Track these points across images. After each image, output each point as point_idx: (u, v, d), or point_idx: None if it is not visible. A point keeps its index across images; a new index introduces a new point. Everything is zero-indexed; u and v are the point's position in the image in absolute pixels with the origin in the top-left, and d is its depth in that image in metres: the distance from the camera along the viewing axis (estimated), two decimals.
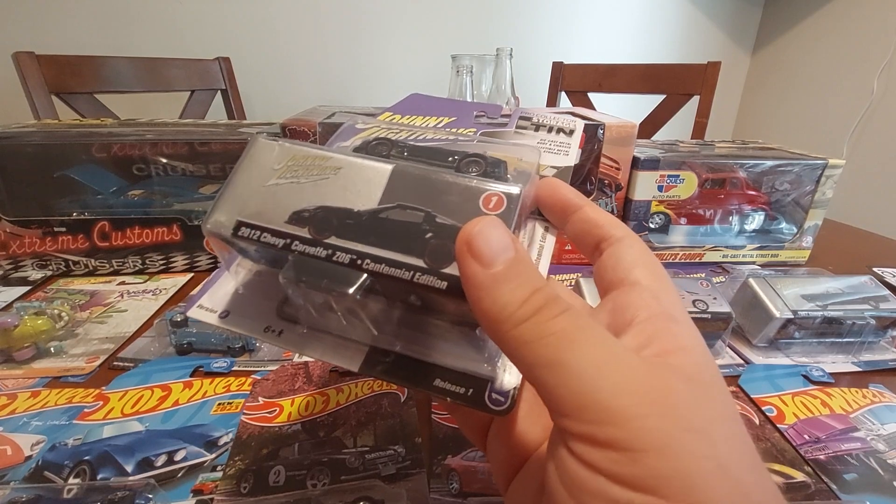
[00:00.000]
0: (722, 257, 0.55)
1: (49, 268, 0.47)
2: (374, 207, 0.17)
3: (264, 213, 0.17)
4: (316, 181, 0.18)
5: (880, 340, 0.39)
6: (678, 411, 0.12)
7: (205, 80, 1.11)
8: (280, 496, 0.24)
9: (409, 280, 0.16)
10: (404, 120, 0.26)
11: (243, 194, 0.18)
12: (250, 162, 0.18)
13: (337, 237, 0.17)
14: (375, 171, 0.18)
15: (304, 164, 0.18)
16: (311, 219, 0.17)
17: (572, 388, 0.12)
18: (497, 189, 0.17)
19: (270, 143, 0.18)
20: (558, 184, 0.21)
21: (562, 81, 1.28)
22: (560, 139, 0.25)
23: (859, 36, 1.48)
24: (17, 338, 0.35)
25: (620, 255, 0.18)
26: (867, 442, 0.30)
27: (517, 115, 0.26)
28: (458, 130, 0.25)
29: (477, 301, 0.14)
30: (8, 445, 0.27)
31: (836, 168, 0.52)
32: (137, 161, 0.47)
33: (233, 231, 0.17)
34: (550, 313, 0.14)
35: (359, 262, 0.16)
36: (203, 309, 0.20)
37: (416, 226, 0.16)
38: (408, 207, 0.17)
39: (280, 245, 0.17)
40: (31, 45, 0.89)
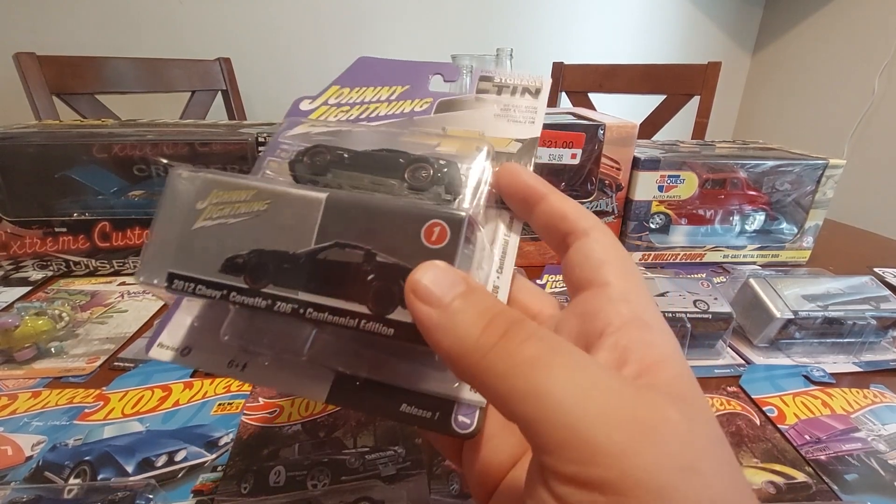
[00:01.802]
0: (722, 258, 0.55)
1: (50, 268, 0.47)
2: (310, 248, 0.16)
3: (196, 262, 0.16)
4: (245, 220, 0.16)
5: (881, 341, 0.39)
6: (670, 446, 0.11)
7: (205, 81, 1.11)
8: (280, 496, 0.24)
9: (356, 328, 0.15)
10: (354, 94, 0.24)
11: (171, 240, 0.17)
12: (172, 201, 0.17)
13: (275, 285, 0.16)
14: (308, 202, 0.16)
15: (230, 201, 0.16)
16: (246, 266, 0.16)
17: (553, 421, 0.11)
18: (439, 218, 0.15)
19: (190, 177, 0.17)
20: (518, 171, 0.19)
21: (562, 82, 1.28)
22: (525, 103, 0.23)
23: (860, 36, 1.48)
24: (18, 338, 0.35)
25: (588, 252, 0.17)
26: (868, 442, 0.29)
27: (477, 76, 0.23)
28: (412, 103, 0.23)
29: (437, 343, 0.13)
30: (9, 446, 0.27)
31: (836, 168, 0.52)
32: (138, 161, 0.47)
33: (166, 284, 0.16)
34: (517, 337, 0.13)
35: (301, 312, 0.15)
36: (163, 348, 0.19)
37: (356, 267, 0.15)
38: (346, 246, 0.16)
39: (217, 297, 0.16)
40: (32, 45, 0.89)
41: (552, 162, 0.49)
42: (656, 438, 0.11)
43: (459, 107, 0.23)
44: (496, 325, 0.13)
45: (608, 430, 0.11)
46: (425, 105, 0.23)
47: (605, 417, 0.11)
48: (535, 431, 0.12)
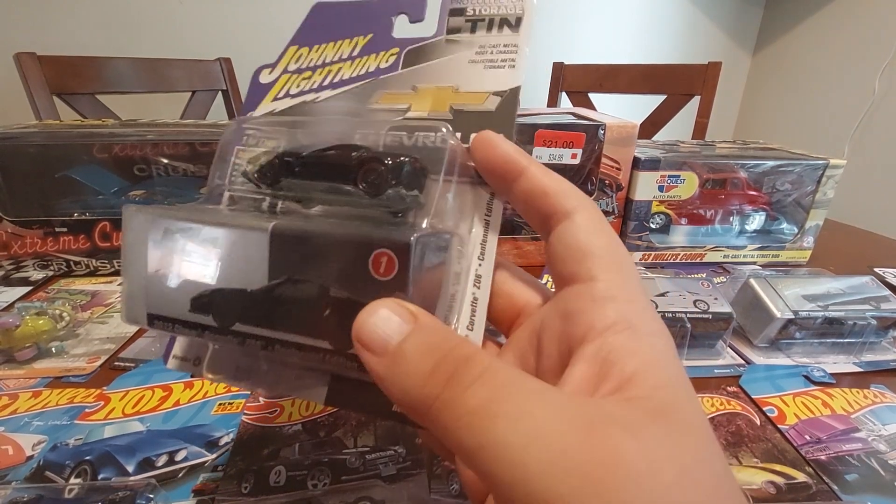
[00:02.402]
0: (723, 258, 0.55)
1: (50, 268, 0.47)
2: (264, 286, 0.16)
3: (169, 302, 0.17)
4: (200, 258, 0.16)
5: (881, 341, 0.39)
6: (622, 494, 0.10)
7: (206, 81, 1.11)
8: (281, 496, 0.24)
9: (322, 361, 0.15)
10: (314, 55, 0.22)
11: (142, 281, 0.17)
12: (133, 240, 0.17)
13: (241, 323, 0.16)
14: (252, 240, 0.16)
15: (183, 239, 0.16)
16: (211, 305, 0.16)
17: (499, 476, 0.11)
18: (384, 246, 0.14)
19: (142, 217, 0.17)
20: (493, 141, 0.17)
21: (562, 82, 1.28)
22: (504, 39, 0.19)
23: (860, 36, 1.48)
24: (19, 338, 0.35)
25: (570, 240, 0.16)
26: (868, 442, 0.29)
27: (446, 8, 0.20)
28: (377, 58, 0.21)
29: (387, 393, 0.13)
30: (9, 445, 0.27)
31: (837, 168, 0.52)
32: (139, 161, 0.47)
33: (148, 324, 0.17)
34: (463, 382, 0.12)
35: (270, 349, 0.16)
36: (178, 359, 0.19)
37: (311, 302, 0.15)
38: (298, 281, 0.15)
39: (194, 335, 0.16)
40: (33, 45, 0.89)
41: (552, 162, 0.49)
42: (606, 486, 0.10)
43: (429, 55, 0.20)
44: (442, 370, 0.12)
45: (553, 483, 0.10)
46: (391, 58, 0.20)
47: (550, 469, 0.10)
48: (490, 486, 0.11)
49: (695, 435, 0.12)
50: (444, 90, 0.19)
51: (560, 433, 0.11)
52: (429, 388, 0.12)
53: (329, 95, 0.21)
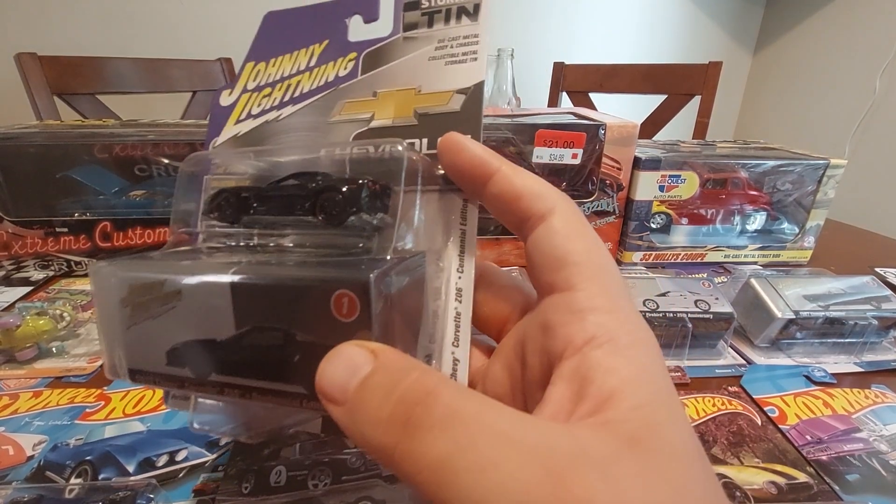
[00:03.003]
0: (723, 257, 0.55)
1: (51, 268, 0.47)
2: (232, 335, 0.15)
3: (146, 357, 0.17)
4: (166, 312, 0.16)
5: (882, 341, 0.39)
6: None
7: (206, 81, 1.12)
8: (281, 496, 0.24)
9: (301, 407, 0.15)
10: (272, 69, 0.21)
11: (118, 336, 0.17)
12: (102, 297, 0.17)
13: (217, 374, 0.16)
14: (214, 291, 0.16)
15: (146, 295, 0.16)
16: (186, 358, 0.16)
17: None
18: (344, 286, 0.14)
19: (107, 273, 0.17)
20: (460, 144, 0.16)
21: (563, 82, 1.28)
22: (463, 31, 0.18)
23: (861, 36, 1.48)
24: (20, 338, 0.35)
25: (547, 246, 0.15)
26: (869, 443, 0.29)
27: (400, 3, 0.19)
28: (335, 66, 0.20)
29: (352, 438, 0.12)
30: (10, 445, 0.27)
31: (837, 168, 0.52)
32: (139, 161, 0.47)
33: (131, 379, 0.17)
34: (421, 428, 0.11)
35: (248, 397, 0.16)
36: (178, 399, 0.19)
37: (279, 349, 0.15)
38: (265, 329, 0.15)
39: (175, 387, 0.16)
40: (34, 46, 0.89)
41: (553, 162, 0.49)
42: None
43: (388, 56, 0.19)
44: (399, 413, 0.11)
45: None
46: (349, 65, 0.20)
47: None
48: None
49: (677, 460, 0.11)
50: (406, 93, 0.18)
51: (526, 485, 0.10)
52: (388, 437, 0.11)
53: (291, 111, 0.20)
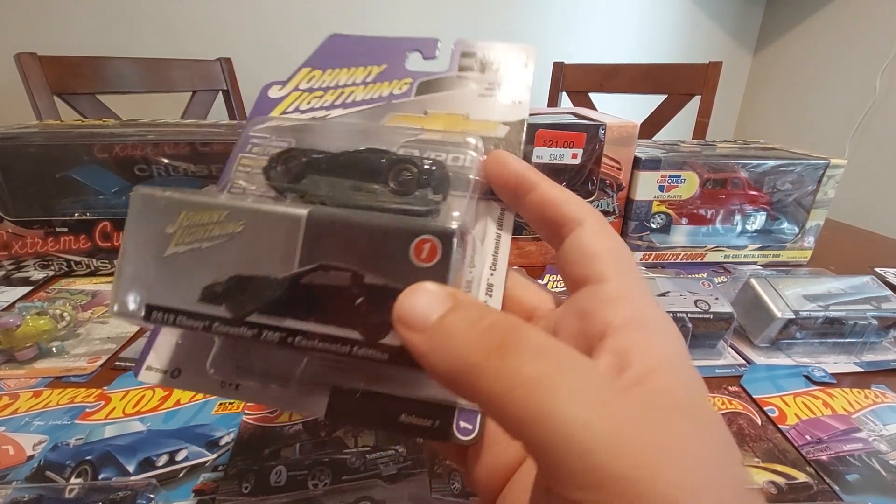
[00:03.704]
0: (723, 257, 0.55)
1: (51, 268, 0.47)
2: (293, 272, 0.15)
3: (173, 292, 0.15)
4: (220, 244, 0.15)
5: (882, 341, 0.39)
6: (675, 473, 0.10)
7: (206, 81, 1.11)
8: (281, 496, 0.24)
9: (347, 354, 0.14)
10: (327, 77, 0.22)
11: (143, 268, 0.15)
12: (140, 224, 0.15)
13: (259, 313, 0.15)
14: (286, 220, 0.15)
15: (201, 223, 0.15)
16: (226, 294, 0.15)
17: (559, 446, 0.11)
18: (429, 233, 0.14)
19: (155, 198, 0.16)
20: (507, 159, 0.18)
21: (563, 81, 1.28)
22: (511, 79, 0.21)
23: (861, 35, 1.48)
24: (20, 338, 0.35)
25: (582, 245, 0.16)
26: (869, 443, 0.29)
27: (458, 49, 0.21)
28: (391, 85, 0.21)
29: (430, 369, 0.13)
30: (10, 445, 0.27)
31: (837, 168, 0.52)
32: (139, 161, 0.47)
33: (144, 317, 0.15)
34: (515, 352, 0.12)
35: (290, 341, 0.15)
36: (153, 371, 0.18)
37: (344, 290, 0.14)
38: (331, 268, 0.15)
39: (200, 328, 0.15)
40: (34, 45, 0.89)
41: (553, 162, 0.49)
42: (663, 465, 0.11)
43: (441, 87, 0.21)
44: (489, 339, 0.12)
45: (617, 457, 0.10)
46: (405, 87, 0.21)
47: (613, 443, 0.11)
48: (540, 455, 0.11)
49: (717, 428, 0.12)
50: (454, 117, 0.20)
51: (617, 413, 0.11)
52: (476, 357, 0.12)
53: (340, 114, 0.21)
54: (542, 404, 0.11)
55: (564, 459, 0.11)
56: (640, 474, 0.10)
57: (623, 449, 0.11)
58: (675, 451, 0.11)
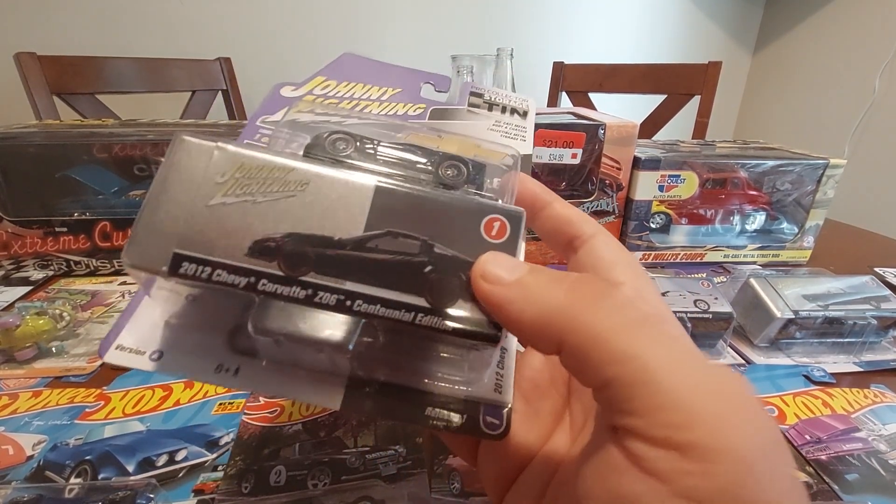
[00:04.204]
0: (723, 257, 0.55)
1: (50, 268, 0.47)
2: (359, 235, 0.14)
3: (212, 243, 0.13)
4: (277, 200, 0.14)
5: (882, 340, 0.39)
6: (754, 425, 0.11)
7: (206, 81, 1.11)
8: (281, 496, 0.24)
9: (410, 322, 0.14)
10: (342, 88, 0.22)
11: (177, 216, 0.14)
12: (180, 171, 0.14)
13: (316, 273, 0.14)
14: (354, 188, 0.15)
15: (258, 177, 0.14)
16: (280, 250, 0.14)
17: (652, 384, 0.11)
18: (499, 213, 0.15)
19: (206, 147, 0.14)
20: (524, 178, 0.20)
21: (562, 81, 1.28)
22: (515, 121, 0.23)
23: (861, 35, 1.48)
24: (19, 338, 0.35)
25: (598, 254, 0.18)
26: (869, 442, 0.29)
27: (467, 90, 0.23)
28: (405, 106, 0.22)
29: (515, 316, 0.13)
30: (9, 445, 0.27)
31: (837, 168, 0.52)
32: (139, 161, 0.47)
33: (170, 267, 0.13)
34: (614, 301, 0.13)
35: (348, 304, 0.14)
36: (125, 351, 0.16)
37: (411, 257, 0.14)
38: (400, 235, 0.14)
39: (242, 284, 0.13)
40: (33, 45, 0.89)
41: (552, 162, 0.49)
42: (746, 415, 0.11)
43: (453, 116, 0.23)
44: (578, 288, 0.13)
45: (706, 400, 0.11)
46: (419, 110, 0.22)
47: (701, 387, 0.11)
48: (626, 394, 0.12)
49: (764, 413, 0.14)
50: (467, 142, 0.20)
51: (702, 363, 0.12)
52: (570, 300, 0.13)
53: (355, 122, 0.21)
54: (638, 346, 0.12)
55: (654, 395, 0.11)
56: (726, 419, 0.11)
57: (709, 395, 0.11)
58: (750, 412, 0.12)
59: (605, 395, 0.12)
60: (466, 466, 0.27)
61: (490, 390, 0.17)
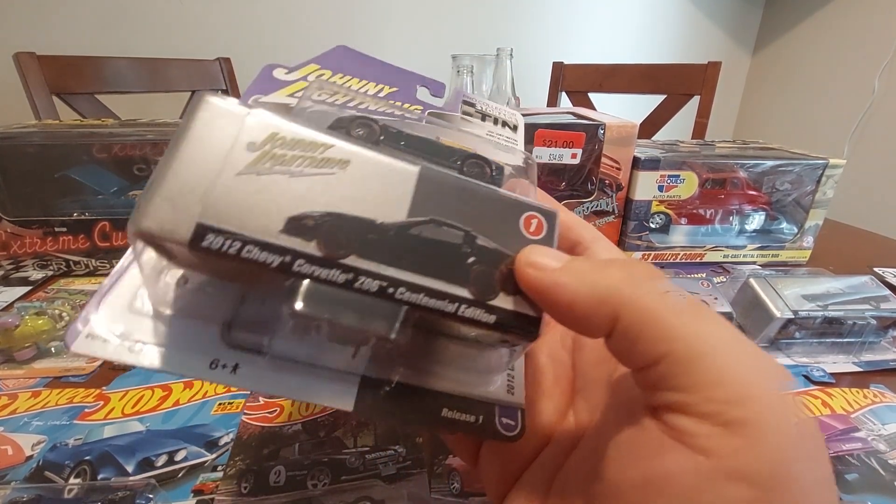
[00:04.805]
0: (723, 257, 0.55)
1: (50, 268, 0.47)
2: (402, 221, 0.14)
3: (242, 216, 0.12)
4: (315, 176, 0.13)
5: (881, 340, 0.39)
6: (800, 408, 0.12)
7: (205, 81, 1.11)
8: (280, 496, 0.24)
9: (453, 313, 0.14)
10: (337, 79, 0.21)
11: (199, 183, 0.12)
12: (203, 134, 0.12)
13: (358, 256, 0.13)
14: (397, 172, 0.14)
15: (294, 150, 0.13)
16: (319, 230, 0.13)
17: (707, 360, 0.12)
18: (536, 210, 0.15)
19: (235, 111, 0.13)
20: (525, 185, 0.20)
21: (562, 81, 1.28)
22: (507, 133, 0.23)
23: (860, 36, 1.48)
24: (18, 338, 0.35)
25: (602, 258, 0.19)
26: (868, 442, 0.29)
27: (460, 97, 0.23)
28: (402, 107, 0.22)
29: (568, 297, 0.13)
30: (9, 445, 0.27)
31: (836, 168, 0.52)
32: (138, 161, 0.47)
33: (192, 237, 0.12)
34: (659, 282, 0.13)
35: (391, 291, 0.13)
36: (98, 340, 0.13)
37: (454, 247, 0.14)
38: (444, 224, 0.14)
39: (276, 264, 0.12)
40: (32, 45, 0.89)
41: (552, 162, 0.49)
42: (793, 399, 0.12)
43: (448, 121, 0.23)
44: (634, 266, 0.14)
45: (759, 379, 0.12)
46: (416, 111, 0.22)
47: (754, 368, 0.12)
48: (680, 369, 0.12)
49: None
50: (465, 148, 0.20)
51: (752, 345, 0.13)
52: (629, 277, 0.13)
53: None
54: (694, 324, 0.12)
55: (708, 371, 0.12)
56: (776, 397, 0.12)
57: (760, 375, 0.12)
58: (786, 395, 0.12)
59: (656, 372, 0.12)
60: (466, 466, 0.27)
61: (504, 392, 0.17)
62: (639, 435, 0.13)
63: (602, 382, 0.17)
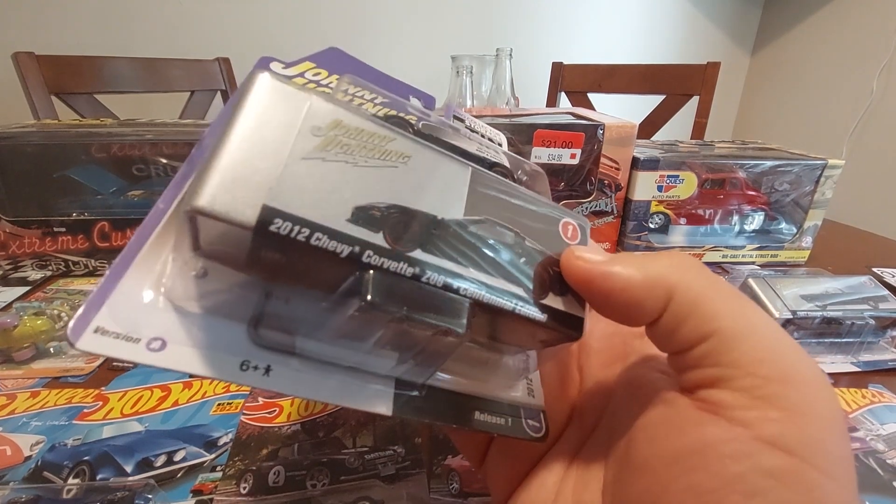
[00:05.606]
0: (722, 257, 0.55)
1: (49, 268, 0.47)
2: (462, 218, 0.14)
3: (309, 202, 0.11)
4: (378, 168, 0.13)
5: (879, 341, 0.39)
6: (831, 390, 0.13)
7: (205, 81, 1.11)
8: (280, 496, 0.24)
9: (511, 310, 0.14)
10: (333, 80, 0.21)
11: (264, 165, 0.11)
12: (263, 115, 0.12)
13: (423, 251, 0.13)
14: (454, 170, 0.14)
15: (357, 139, 0.13)
16: (386, 221, 0.12)
17: (755, 338, 0.13)
18: (571, 219, 0.16)
19: (297, 95, 0.12)
20: None
21: (562, 82, 1.28)
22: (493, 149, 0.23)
23: (859, 36, 1.48)
24: (17, 338, 0.35)
25: None
26: (867, 442, 0.30)
27: (451, 112, 0.23)
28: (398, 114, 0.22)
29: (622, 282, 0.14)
30: (7, 446, 0.27)
31: (835, 168, 0.52)
32: (137, 161, 0.47)
33: (259, 221, 0.11)
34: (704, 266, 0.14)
35: (455, 287, 0.13)
36: (108, 336, 0.12)
37: (508, 248, 0.15)
38: (497, 224, 0.15)
39: (345, 253, 0.12)
40: (31, 45, 0.89)
41: (551, 162, 0.49)
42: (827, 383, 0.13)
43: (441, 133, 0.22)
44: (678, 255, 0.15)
45: (798, 362, 0.13)
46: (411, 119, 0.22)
47: (793, 351, 0.13)
48: (728, 346, 0.13)
49: None
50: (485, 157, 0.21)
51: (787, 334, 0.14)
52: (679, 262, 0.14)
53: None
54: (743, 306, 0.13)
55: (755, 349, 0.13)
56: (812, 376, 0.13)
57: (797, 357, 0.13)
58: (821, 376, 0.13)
59: (699, 350, 0.13)
60: (465, 467, 0.27)
61: (526, 395, 0.17)
62: (670, 413, 0.14)
63: (611, 381, 0.18)
